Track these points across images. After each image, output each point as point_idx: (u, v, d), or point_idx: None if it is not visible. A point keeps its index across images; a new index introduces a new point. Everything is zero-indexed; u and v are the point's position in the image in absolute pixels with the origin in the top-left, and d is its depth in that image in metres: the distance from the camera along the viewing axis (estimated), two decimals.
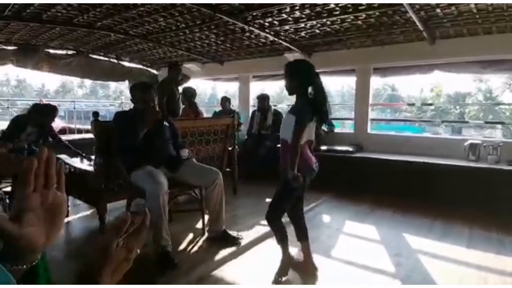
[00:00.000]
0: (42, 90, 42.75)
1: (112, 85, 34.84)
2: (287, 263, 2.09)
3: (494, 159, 3.62)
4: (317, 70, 5.69)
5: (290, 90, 2.05)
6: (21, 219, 0.48)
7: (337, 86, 38.16)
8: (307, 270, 2.14)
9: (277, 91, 27.61)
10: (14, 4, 3.49)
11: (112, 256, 0.55)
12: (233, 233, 2.63)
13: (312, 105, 1.98)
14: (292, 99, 2.11)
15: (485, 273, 2.17)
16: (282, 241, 2.09)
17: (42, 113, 3.56)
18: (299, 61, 2.15)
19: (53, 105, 3.82)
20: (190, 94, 4.51)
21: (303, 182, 1.98)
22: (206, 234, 2.70)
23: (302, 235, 2.18)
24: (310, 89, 2.01)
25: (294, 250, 2.26)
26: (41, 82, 43.76)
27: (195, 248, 2.51)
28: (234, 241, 2.55)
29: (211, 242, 2.58)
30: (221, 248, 2.46)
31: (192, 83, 6.51)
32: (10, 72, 39.60)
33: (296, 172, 1.89)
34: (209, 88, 36.50)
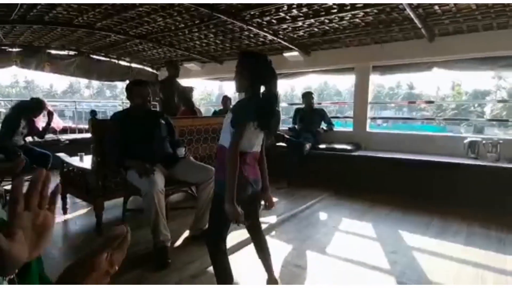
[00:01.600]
0: (50, 91, 43.35)
1: (119, 85, 35.24)
2: None
3: (494, 157, 3.59)
4: (316, 69, 5.67)
5: (239, 86, 1.67)
6: (13, 236, 0.49)
7: (347, 84, 38.41)
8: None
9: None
10: (21, 7, 3.56)
11: (98, 267, 0.56)
12: None
13: (259, 106, 1.57)
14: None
15: (482, 271, 2.15)
16: (220, 277, 1.66)
17: (30, 107, 3.65)
18: (255, 54, 1.74)
19: (40, 99, 3.88)
20: (186, 93, 4.51)
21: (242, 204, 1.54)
22: (187, 232, 2.68)
23: (261, 250, 1.84)
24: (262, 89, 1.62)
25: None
26: (49, 83, 44.43)
27: (189, 245, 2.51)
28: None
29: (193, 241, 2.54)
30: None
31: (193, 83, 6.52)
32: (19, 74, 40.38)
33: (234, 195, 1.48)
34: (216, 88, 36.82)
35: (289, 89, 40.72)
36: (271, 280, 1.86)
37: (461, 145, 3.84)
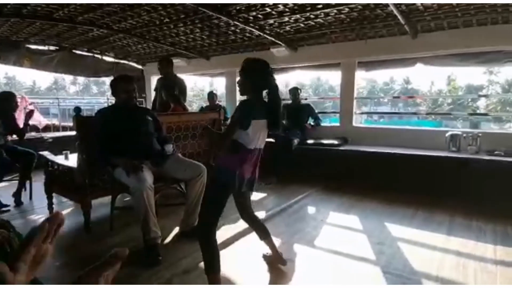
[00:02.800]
0: (33, 88, 41.86)
1: (107, 81, 34.48)
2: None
3: (474, 149, 3.73)
4: (303, 64, 5.72)
5: (244, 90, 1.86)
6: (17, 269, 0.52)
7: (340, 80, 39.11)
8: (276, 264, 2.11)
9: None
10: None
11: (97, 283, 0.61)
12: None
13: (266, 107, 1.83)
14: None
15: (464, 259, 2.25)
16: (212, 267, 1.74)
17: (1, 101, 3.45)
18: (258, 60, 1.90)
19: (9, 91, 3.75)
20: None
21: (233, 186, 1.76)
22: (177, 229, 2.69)
23: (262, 233, 2.09)
24: (264, 93, 1.85)
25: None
26: (32, 79, 42.89)
27: (181, 241, 2.51)
28: None
29: (184, 238, 2.55)
30: None
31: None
32: None
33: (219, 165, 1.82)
34: (207, 85, 36.55)
35: (284, 85, 41.05)
36: (278, 258, 2.09)
37: (443, 139, 3.97)
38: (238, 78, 1.90)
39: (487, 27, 3.72)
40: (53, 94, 38.71)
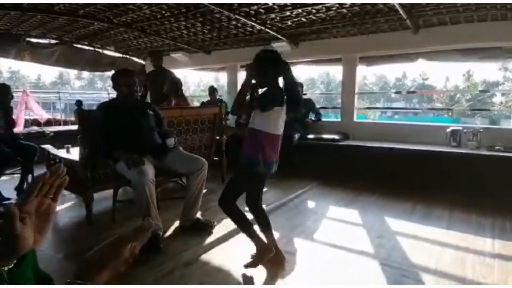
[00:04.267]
0: (38, 82, 41.71)
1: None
2: (261, 251, 1.99)
3: (474, 145, 3.74)
4: (305, 59, 5.70)
5: (263, 83, 1.97)
6: (23, 220, 0.52)
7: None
8: (276, 261, 2.05)
9: None
10: None
11: (122, 255, 0.61)
12: (206, 220, 2.65)
13: (286, 94, 1.94)
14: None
15: (463, 253, 2.27)
16: (245, 227, 2.03)
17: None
18: (271, 52, 2.04)
19: (3, 83, 3.74)
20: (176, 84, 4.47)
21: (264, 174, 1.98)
22: (178, 222, 2.71)
23: (264, 226, 2.10)
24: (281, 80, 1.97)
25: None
26: (37, 74, 42.68)
27: (182, 235, 2.54)
28: (207, 227, 2.58)
29: (184, 231, 2.58)
30: (206, 234, 2.50)
31: (182, 73, 6.46)
32: (2, 64, 38.43)
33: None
34: (212, 80, 36.40)
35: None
36: (279, 254, 2.08)
37: (444, 134, 3.98)
38: (244, 74, 2.00)
39: (487, 23, 3.71)
40: (58, 88, 38.56)
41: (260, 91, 2.00)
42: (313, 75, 44.23)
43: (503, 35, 3.66)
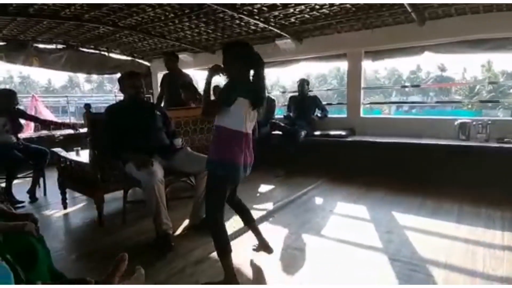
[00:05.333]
0: (49, 86, 42.25)
1: None
2: (228, 282, 1.80)
3: (484, 137, 3.70)
4: (308, 56, 5.68)
5: (228, 74, 1.83)
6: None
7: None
8: (262, 251, 2.16)
9: (270, 78, 27.60)
10: None
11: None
12: None
13: (252, 89, 1.77)
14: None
15: (473, 246, 2.25)
16: (224, 253, 1.79)
17: (2, 99, 3.46)
18: (238, 42, 1.92)
19: (9, 88, 3.81)
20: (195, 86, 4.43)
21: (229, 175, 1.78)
22: (187, 221, 2.73)
23: (247, 218, 2.14)
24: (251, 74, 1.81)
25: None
26: (47, 78, 43.23)
27: (191, 233, 2.57)
28: None
29: (193, 230, 2.60)
30: None
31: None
32: (13, 69, 38.88)
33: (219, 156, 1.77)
34: (221, 79, 36.40)
35: (306, 77, 40.73)
36: (264, 245, 2.16)
37: (452, 127, 3.93)
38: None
39: (493, 14, 3.66)
40: (68, 92, 38.96)
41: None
42: (323, 71, 43.78)
43: (511, 25, 3.59)
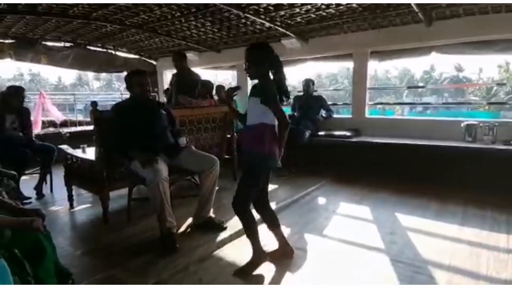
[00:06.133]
0: (59, 84, 42.67)
1: None
2: (258, 258, 2.01)
3: (490, 139, 3.66)
4: (315, 56, 5.65)
5: (255, 75, 1.99)
6: None
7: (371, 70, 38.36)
8: (284, 257, 2.13)
9: None
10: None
11: None
12: (218, 221, 2.66)
13: (277, 86, 1.93)
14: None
15: (477, 248, 2.24)
16: (253, 234, 2.00)
17: (11, 96, 3.46)
18: (264, 45, 2.02)
19: (18, 85, 3.83)
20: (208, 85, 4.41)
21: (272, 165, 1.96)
22: (191, 220, 2.75)
23: (272, 223, 2.13)
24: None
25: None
26: (57, 76, 43.63)
27: (195, 232, 2.59)
28: (219, 228, 2.58)
29: (196, 229, 2.61)
30: (219, 232, 2.54)
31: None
32: (23, 67, 39.16)
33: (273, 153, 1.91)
34: (230, 78, 36.47)
35: (317, 76, 40.40)
36: (287, 249, 2.14)
37: (459, 129, 3.90)
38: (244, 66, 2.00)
39: (502, 15, 3.61)
40: (77, 90, 39.34)
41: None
42: (333, 71, 43.46)
43: None
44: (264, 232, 2.19)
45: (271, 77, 1.96)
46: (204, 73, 7.03)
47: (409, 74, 41.11)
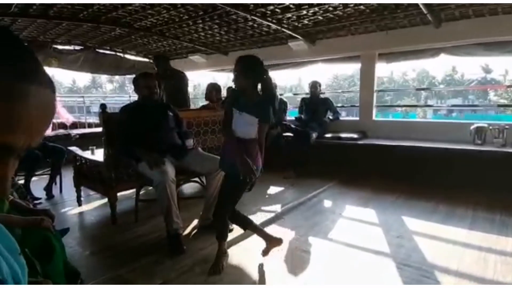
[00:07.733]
0: (73, 86, 43.45)
1: None
2: (221, 258, 2.07)
3: (500, 142, 3.61)
4: (322, 58, 5.64)
5: (240, 85, 1.98)
6: None
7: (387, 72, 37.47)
8: (275, 245, 2.20)
9: (283, 79, 27.49)
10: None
11: None
12: None
13: (266, 99, 1.98)
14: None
15: (485, 253, 2.21)
16: (223, 237, 2.11)
17: None
18: (252, 57, 2.00)
19: None
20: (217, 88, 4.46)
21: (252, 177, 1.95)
22: (196, 222, 2.77)
23: (245, 223, 2.19)
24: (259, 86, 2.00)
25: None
26: (72, 78, 44.48)
27: (201, 233, 2.61)
28: None
29: (202, 231, 2.63)
30: None
31: (200, 74, 6.56)
32: None
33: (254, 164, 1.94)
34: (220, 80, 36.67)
35: (334, 78, 40.02)
36: (271, 239, 2.19)
37: (468, 132, 3.85)
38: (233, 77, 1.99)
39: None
40: (91, 92, 40.09)
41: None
42: (348, 72, 43.26)
43: None
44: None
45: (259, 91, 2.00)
46: (215, 75, 7.07)
47: (428, 76, 40.37)
